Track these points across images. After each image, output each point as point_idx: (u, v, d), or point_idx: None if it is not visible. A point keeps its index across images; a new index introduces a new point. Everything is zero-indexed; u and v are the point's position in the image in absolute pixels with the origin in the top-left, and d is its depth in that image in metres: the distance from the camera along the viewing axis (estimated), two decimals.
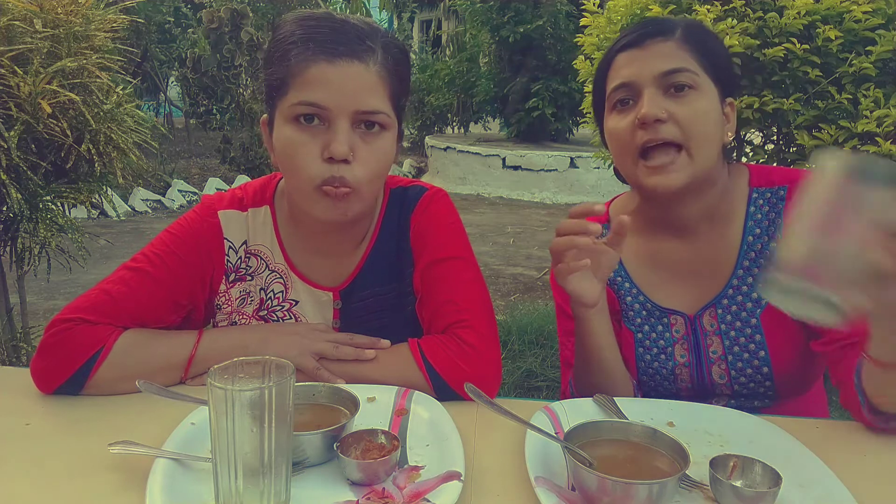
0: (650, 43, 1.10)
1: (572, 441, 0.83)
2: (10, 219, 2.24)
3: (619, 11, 2.39)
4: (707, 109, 1.09)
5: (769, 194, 1.16)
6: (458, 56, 10.77)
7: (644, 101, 1.08)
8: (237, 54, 7.36)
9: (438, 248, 1.18)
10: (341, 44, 1.01)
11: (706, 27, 1.20)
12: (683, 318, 1.20)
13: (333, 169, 1.02)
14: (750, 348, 1.15)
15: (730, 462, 0.81)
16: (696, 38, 1.11)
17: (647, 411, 1.01)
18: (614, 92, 1.13)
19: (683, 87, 1.08)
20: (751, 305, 1.15)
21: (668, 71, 1.07)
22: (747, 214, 1.16)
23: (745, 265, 1.15)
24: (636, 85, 1.10)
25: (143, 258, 1.14)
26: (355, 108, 1.02)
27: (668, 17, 1.23)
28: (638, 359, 1.22)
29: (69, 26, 2.08)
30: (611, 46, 1.17)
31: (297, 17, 1.07)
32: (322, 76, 1.00)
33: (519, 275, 5.06)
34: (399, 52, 1.08)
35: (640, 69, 1.09)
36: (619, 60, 1.13)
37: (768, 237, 1.14)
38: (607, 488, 0.75)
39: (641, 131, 1.08)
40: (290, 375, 0.74)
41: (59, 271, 2.63)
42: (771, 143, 2.37)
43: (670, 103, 1.07)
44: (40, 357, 1.05)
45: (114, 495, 0.81)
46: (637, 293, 1.23)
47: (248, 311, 1.22)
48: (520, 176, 8.39)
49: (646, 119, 1.06)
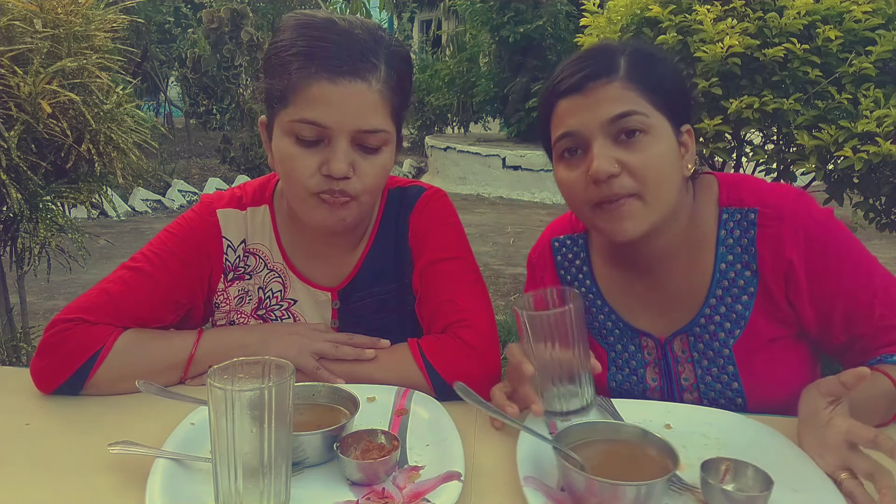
0: (592, 87, 1.01)
1: (563, 442, 0.83)
2: (10, 219, 2.24)
3: (619, 11, 2.39)
4: (662, 152, 1.01)
5: (738, 216, 1.09)
6: (458, 56, 10.77)
7: (593, 154, 1.00)
8: (237, 54, 7.36)
9: (437, 249, 1.18)
10: (344, 62, 0.99)
11: (651, 51, 1.10)
12: (654, 341, 1.16)
13: (332, 183, 1.02)
14: (723, 379, 1.11)
15: (722, 465, 0.81)
16: (642, 70, 1.02)
17: (644, 413, 1.00)
18: (560, 141, 1.05)
19: (634, 133, 1.00)
20: (723, 336, 1.10)
21: (616, 116, 0.99)
22: (718, 240, 1.10)
23: (717, 294, 1.10)
24: (582, 135, 1.02)
25: (143, 258, 1.14)
26: (356, 127, 1.01)
27: (609, 46, 1.07)
28: (610, 378, 1.19)
29: (69, 26, 2.08)
30: (548, 86, 1.07)
31: (299, 22, 1.04)
32: (323, 96, 0.99)
33: (519, 275, 5.05)
34: (402, 63, 1.07)
35: (584, 118, 1.01)
36: (562, 107, 1.04)
37: (741, 265, 1.09)
38: (595, 489, 0.75)
39: (594, 187, 1.01)
40: (290, 375, 0.74)
41: (59, 271, 2.63)
42: (771, 143, 2.36)
43: (622, 152, 1.00)
44: (40, 357, 1.05)
45: (114, 495, 0.81)
46: (609, 311, 1.19)
47: (247, 311, 1.21)
48: (520, 176, 8.38)
49: (597, 176, 0.99)
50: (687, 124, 1.08)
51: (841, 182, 2.21)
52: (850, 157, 1.93)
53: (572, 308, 0.91)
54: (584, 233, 1.25)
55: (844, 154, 1.94)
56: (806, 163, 2.12)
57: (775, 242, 1.05)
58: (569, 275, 1.25)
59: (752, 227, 1.08)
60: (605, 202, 1.02)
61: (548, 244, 1.28)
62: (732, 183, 1.12)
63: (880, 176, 2.17)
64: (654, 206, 1.02)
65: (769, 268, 1.06)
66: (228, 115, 8.49)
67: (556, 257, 1.26)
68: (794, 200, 1.06)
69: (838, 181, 2.21)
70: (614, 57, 1.03)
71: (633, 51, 1.04)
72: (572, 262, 1.25)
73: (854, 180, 2.21)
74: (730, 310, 1.10)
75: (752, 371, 1.10)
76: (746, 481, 0.79)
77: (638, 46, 1.08)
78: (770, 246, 1.06)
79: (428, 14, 14.95)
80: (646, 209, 1.02)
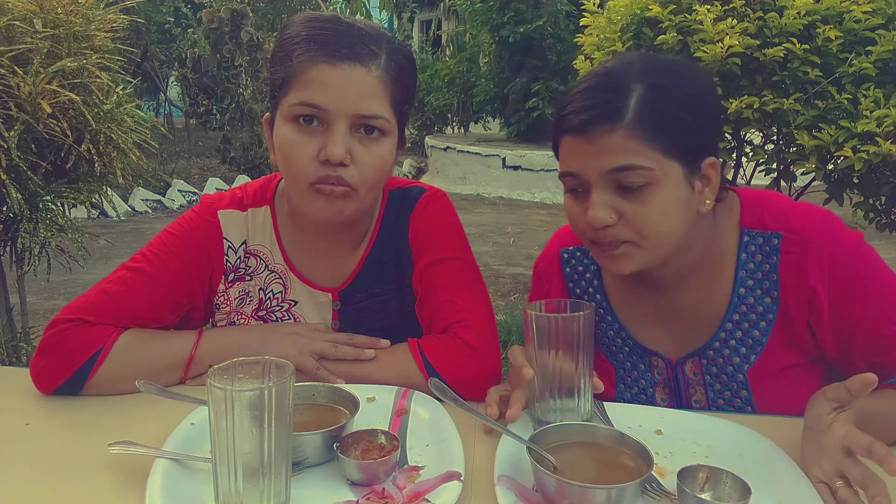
0: (596, 132, 0.93)
1: (540, 443, 0.83)
2: (10, 219, 2.24)
3: (619, 11, 2.40)
4: (665, 201, 0.95)
5: (761, 240, 1.05)
6: (458, 56, 10.77)
7: (591, 202, 0.96)
8: (237, 54, 7.36)
9: (437, 249, 1.18)
10: (343, 46, 1.01)
11: (670, 84, 0.96)
12: (665, 361, 1.13)
13: (329, 169, 1.02)
14: (735, 403, 1.09)
15: (700, 473, 0.80)
16: (654, 112, 0.93)
17: (636, 418, 0.99)
18: (564, 177, 1.01)
19: (639, 182, 0.94)
20: (738, 360, 1.07)
21: (615, 169, 0.93)
22: (738, 263, 1.06)
23: (734, 318, 1.07)
24: (583, 179, 0.97)
25: (143, 258, 1.14)
26: (354, 111, 1.01)
27: (620, 80, 0.96)
28: (618, 396, 1.17)
29: (69, 26, 2.08)
30: (557, 113, 1.01)
31: (305, 17, 1.07)
32: (322, 77, 1.00)
33: (519, 275, 5.05)
34: (404, 58, 1.07)
35: (585, 163, 0.96)
36: (565, 144, 0.99)
37: (761, 290, 1.05)
38: (565, 491, 0.74)
39: (592, 229, 0.98)
40: (290, 375, 0.74)
41: (59, 271, 2.63)
42: (771, 143, 2.37)
43: (621, 202, 0.95)
44: (40, 357, 1.05)
45: (114, 495, 0.81)
46: (619, 329, 1.17)
47: (247, 311, 1.21)
48: (520, 176, 8.38)
49: (593, 225, 0.97)
50: (711, 157, 0.99)
51: (841, 182, 2.22)
52: (850, 157, 1.93)
53: (582, 316, 0.90)
54: None
55: (844, 154, 1.94)
56: (806, 163, 2.12)
57: (799, 269, 1.02)
58: (578, 287, 1.22)
59: (775, 253, 1.03)
60: (599, 243, 1.00)
61: (556, 255, 1.24)
62: (755, 203, 1.07)
63: (880, 176, 2.17)
64: (652, 252, 0.99)
65: (792, 295, 1.03)
66: (228, 115, 8.49)
67: (564, 269, 1.23)
68: (819, 224, 1.02)
69: (838, 181, 2.22)
70: (624, 96, 0.94)
71: (647, 87, 0.94)
72: (582, 275, 1.22)
73: (854, 180, 2.21)
74: (746, 335, 1.07)
75: (766, 396, 1.07)
76: (724, 490, 0.78)
77: (655, 81, 0.95)
78: (793, 273, 1.02)
79: (428, 14, 14.95)
80: (642, 253, 0.99)
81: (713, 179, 1.00)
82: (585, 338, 0.91)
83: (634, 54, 1.14)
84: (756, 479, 0.78)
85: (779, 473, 0.85)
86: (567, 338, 0.90)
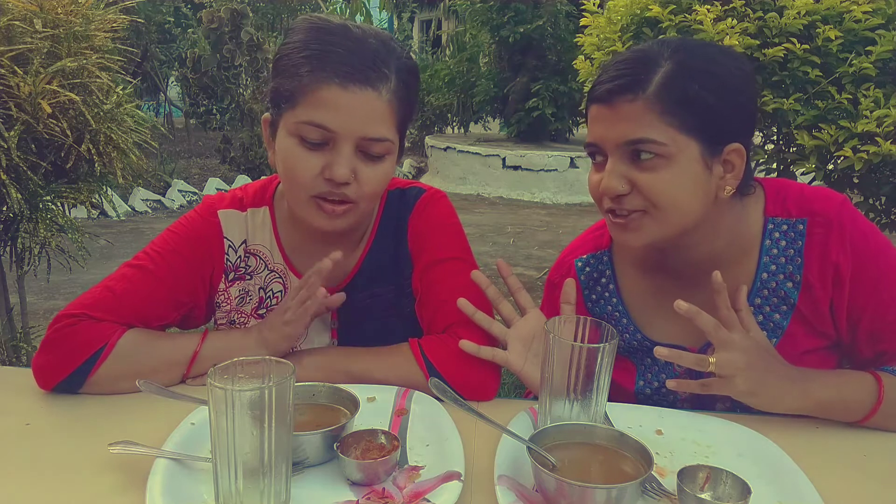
0: (618, 102, 0.98)
1: (540, 443, 0.83)
2: (10, 219, 2.24)
3: (619, 11, 2.39)
4: (677, 178, 0.98)
5: (786, 226, 1.08)
6: (458, 56, 10.76)
7: (606, 171, 1.02)
8: (237, 54, 7.35)
9: (437, 249, 1.19)
10: (356, 69, 1.00)
11: (700, 65, 0.99)
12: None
13: (332, 186, 1.03)
14: None
15: (701, 473, 0.80)
16: (678, 88, 0.96)
17: (637, 418, 1.00)
18: (588, 146, 1.07)
19: (651, 155, 0.98)
20: None
21: (631, 141, 0.98)
22: (762, 249, 1.09)
23: (756, 303, 1.09)
24: (602, 148, 1.03)
25: (146, 256, 1.14)
26: (361, 134, 1.01)
27: (652, 54, 1.00)
28: (637, 391, 1.18)
29: (69, 26, 2.08)
30: (595, 80, 1.05)
31: (313, 25, 1.04)
32: (333, 100, 1.00)
33: (519, 275, 5.02)
34: (411, 76, 1.07)
35: (605, 132, 1.01)
36: (592, 112, 1.04)
37: (784, 275, 1.07)
38: (565, 491, 0.74)
39: (606, 197, 1.03)
40: (290, 375, 0.74)
41: (59, 271, 2.63)
42: (771, 143, 2.37)
43: (635, 172, 0.99)
44: (43, 352, 1.05)
45: (114, 495, 0.81)
46: (634, 331, 1.18)
47: (247, 310, 1.22)
48: (520, 176, 8.38)
49: (607, 193, 1.02)
50: (736, 143, 1.00)
51: (841, 182, 2.21)
52: (850, 157, 1.93)
53: (607, 346, 0.89)
54: (607, 249, 1.23)
55: (844, 154, 1.94)
56: (806, 163, 2.12)
57: (822, 249, 1.05)
58: (594, 293, 1.23)
59: (801, 238, 1.07)
60: (614, 211, 1.04)
61: (571, 265, 1.26)
62: (779, 191, 1.10)
63: (880, 176, 2.17)
64: (664, 225, 1.02)
65: (816, 274, 1.06)
66: (228, 115, 8.49)
67: (579, 277, 1.24)
68: (839, 206, 1.05)
69: (838, 181, 2.21)
70: (651, 71, 0.97)
71: (675, 64, 0.98)
72: (597, 281, 1.23)
73: (854, 180, 2.21)
74: (767, 319, 1.09)
75: None
76: (724, 490, 0.78)
77: (684, 59, 0.98)
78: (817, 253, 1.05)
79: (428, 14, 14.95)
80: (654, 224, 1.02)
81: (737, 166, 1.02)
82: (606, 366, 0.90)
83: (675, 37, 1.17)
84: (756, 479, 0.78)
85: (779, 473, 0.85)
86: (590, 365, 0.89)
